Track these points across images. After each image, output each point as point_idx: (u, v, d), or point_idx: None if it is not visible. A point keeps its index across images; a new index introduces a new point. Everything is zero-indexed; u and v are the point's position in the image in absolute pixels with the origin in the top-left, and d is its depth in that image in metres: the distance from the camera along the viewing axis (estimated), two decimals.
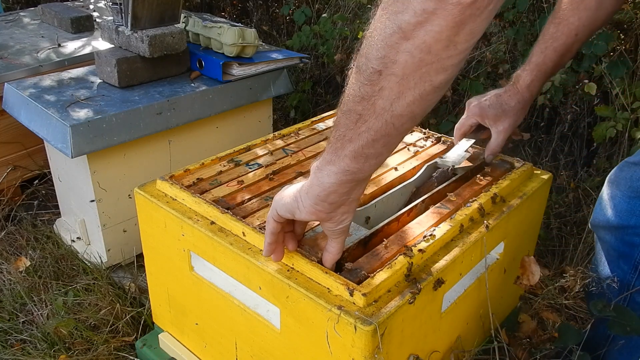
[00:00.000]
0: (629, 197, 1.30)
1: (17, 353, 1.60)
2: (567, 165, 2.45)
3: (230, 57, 1.98)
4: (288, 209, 0.89)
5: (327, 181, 0.81)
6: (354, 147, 0.77)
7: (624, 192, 1.31)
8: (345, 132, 0.77)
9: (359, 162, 0.78)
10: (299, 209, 0.87)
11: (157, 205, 1.22)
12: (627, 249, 1.33)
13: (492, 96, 1.33)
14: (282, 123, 3.07)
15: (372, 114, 0.73)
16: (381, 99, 0.72)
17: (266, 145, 1.47)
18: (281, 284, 1.00)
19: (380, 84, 0.71)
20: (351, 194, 0.84)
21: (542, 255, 2.04)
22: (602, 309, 1.28)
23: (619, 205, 1.33)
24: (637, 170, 1.29)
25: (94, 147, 1.69)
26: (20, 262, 1.96)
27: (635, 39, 2.26)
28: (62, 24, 2.53)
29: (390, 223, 1.10)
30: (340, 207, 0.85)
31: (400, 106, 0.72)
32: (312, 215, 0.86)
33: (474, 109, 1.35)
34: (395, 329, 0.95)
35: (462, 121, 1.39)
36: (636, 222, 1.29)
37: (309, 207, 0.85)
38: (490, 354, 1.32)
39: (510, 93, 1.31)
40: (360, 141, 0.76)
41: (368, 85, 0.72)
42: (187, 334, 1.35)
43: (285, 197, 0.90)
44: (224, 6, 4.07)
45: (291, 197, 0.88)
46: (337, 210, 0.86)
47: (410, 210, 1.15)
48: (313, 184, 0.83)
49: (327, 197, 0.83)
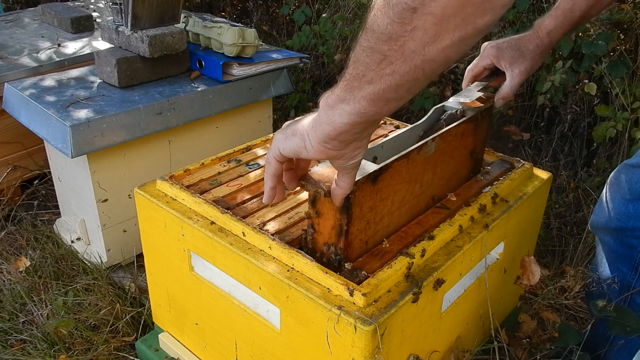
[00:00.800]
0: (627, 200, 1.30)
1: (17, 353, 1.60)
2: (567, 165, 2.45)
3: (230, 57, 1.97)
4: (293, 148, 0.81)
5: (339, 121, 0.74)
6: (373, 90, 0.69)
7: (623, 194, 1.32)
8: (365, 71, 0.69)
9: (377, 105, 0.71)
10: (305, 149, 0.79)
11: (157, 205, 1.22)
12: (626, 251, 1.33)
13: (509, 39, 1.26)
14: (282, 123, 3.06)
15: (399, 57, 0.65)
16: (412, 40, 0.63)
17: (266, 145, 1.47)
18: (281, 284, 1.00)
19: (413, 23, 0.62)
20: (364, 132, 0.77)
21: (542, 255, 2.04)
22: (602, 309, 1.28)
23: (617, 208, 1.33)
24: (636, 172, 1.29)
25: (94, 147, 1.69)
26: (20, 262, 1.96)
27: (635, 39, 2.26)
28: (62, 24, 2.53)
29: (400, 160, 1.03)
30: (351, 143, 0.78)
31: (434, 50, 0.64)
32: (321, 154, 0.79)
33: (490, 50, 1.26)
34: (395, 329, 0.95)
35: (475, 62, 1.30)
36: (634, 224, 1.29)
37: (318, 146, 0.77)
38: (490, 354, 1.32)
39: (529, 37, 1.24)
40: (382, 84, 0.68)
41: (398, 24, 0.63)
42: (187, 334, 1.35)
43: (289, 135, 0.82)
44: (224, 6, 4.07)
45: (296, 135, 0.80)
46: (348, 146, 0.78)
47: (420, 148, 1.08)
48: (323, 121, 0.76)
49: (338, 136, 0.76)
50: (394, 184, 1.04)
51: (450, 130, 1.16)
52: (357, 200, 0.95)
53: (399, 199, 1.07)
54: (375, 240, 1.06)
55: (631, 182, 1.29)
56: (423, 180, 1.13)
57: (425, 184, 1.14)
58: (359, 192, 0.95)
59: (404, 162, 1.04)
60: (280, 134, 0.84)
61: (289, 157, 0.83)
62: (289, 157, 0.83)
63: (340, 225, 0.96)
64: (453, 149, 1.19)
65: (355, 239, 1.00)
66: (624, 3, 2.26)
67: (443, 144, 1.15)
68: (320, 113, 0.76)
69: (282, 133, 0.83)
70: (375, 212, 1.02)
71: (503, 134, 2.68)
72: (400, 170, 1.05)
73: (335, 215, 0.96)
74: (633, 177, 1.29)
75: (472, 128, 1.24)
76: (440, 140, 1.13)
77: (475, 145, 1.28)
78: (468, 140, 1.24)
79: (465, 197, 1.24)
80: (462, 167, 1.26)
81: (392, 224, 1.09)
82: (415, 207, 1.15)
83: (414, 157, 1.07)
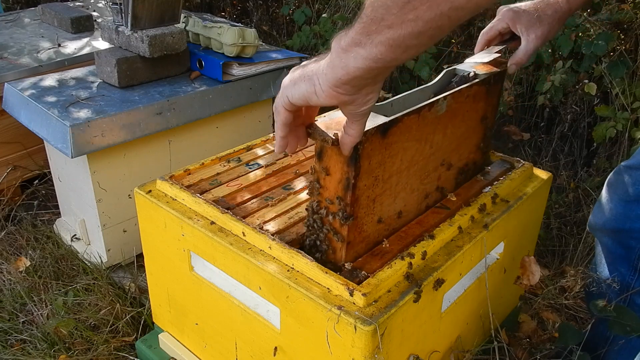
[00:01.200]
0: (624, 201, 1.30)
1: (17, 353, 1.60)
2: (567, 165, 2.45)
3: (230, 57, 1.97)
4: (302, 94, 0.77)
5: (353, 65, 0.70)
6: (393, 35, 0.65)
7: (620, 195, 1.32)
8: (384, 15, 0.65)
9: (396, 52, 0.67)
10: (315, 94, 0.76)
11: (157, 205, 1.22)
12: (624, 252, 1.34)
13: (527, 3, 1.23)
14: None
15: (425, 2, 0.62)
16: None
17: (266, 145, 1.47)
18: (281, 284, 1.00)
19: None
20: (378, 77, 0.74)
21: (542, 255, 2.04)
22: (602, 309, 1.28)
23: (615, 209, 1.33)
24: (632, 174, 1.29)
25: (94, 147, 1.69)
26: (20, 262, 1.96)
27: (635, 39, 2.27)
28: (62, 24, 2.53)
29: (411, 115, 1.00)
30: (364, 88, 0.75)
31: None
32: (332, 100, 0.76)
33: (507, 13, 1.22)
34: (395, 329, 0.95)
35: (490, 25, 1.26)
36: (632, 225, 1.29)
37: (329, 91, 0.74)
38: (490, 354, 1.32)
39: (548, 2, 1.22)
40: (403, 30, 0.65)
41: None
42: (187, 334, 1.35)
43: (297, 80, 0.78)
44: (224, 6, 4.07)
45: (305, 80, 0.77)
46: (360, 91, 0.75)
47: (431, 105, 1.04)
48: (335, 65, 0.72)
49: (351, 81, 0.72)
50: (403, 141, 1.00)
51: (462, 90, 1.13)
52: (365, 153, 0.92)
53: (408, 158, 1.04)
54: (382, 200, 1.02)
55: (628, 183, 1.29)
56: (433, 141, 1.09)
57: (436, 145, 1.11)
58: (367, 143, 0.91)
59: (414, 117, 1.00)
60: (288, 80, 0.80)
61: (297, 104, 0.79)
62: (297, 104, 0.79)
63: (348, 179, 0.92)
64: (464, 111, 1.16)
65: (362, 194, 0.96)
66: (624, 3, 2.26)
67: (455, 104, 1.11)
68: (332, 56, 0.72)
69: (290, 79, 0.79)
70: (384, 168, 0.99)
71: (503, 134, 2.68)
72: (411, 126, 1.01)
73: (343, 168, 0.92)
74: (629, 178, 1.29)
75: (484, 91, 1.20)
76: (452, 100, 1.09)
77: (486, 111, 1.24)
78: (479, 105, 1.21)
79: (465, 197, 1.24)
80: (472, 133, 1.23)
81: (400, 185, 1.06)
82: (424, 169, 1.11)
83: (425, 115, 1.03)
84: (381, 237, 1.08)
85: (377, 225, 1.05)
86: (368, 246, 1.06)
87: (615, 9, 2.23)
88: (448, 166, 1.19)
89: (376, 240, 1.07)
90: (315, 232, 1.02)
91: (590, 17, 2.25)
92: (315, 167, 0.96)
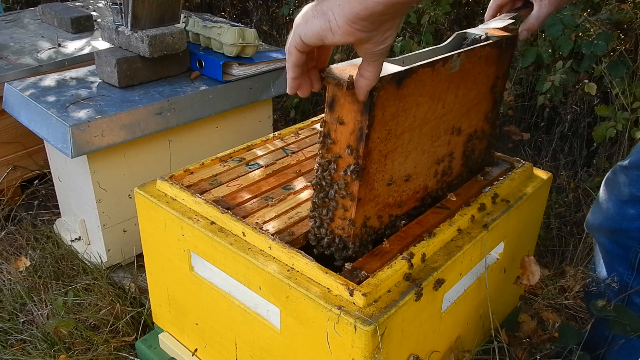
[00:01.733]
0: (620, 201, 1.31)
1: (17, 353, 1.60)
2: (567, 165, 2.45)
3: (230, 57, 1.98)
4: (316, 31, 0.73)
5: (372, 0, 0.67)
6: None
7: (616, 195, 1.32)
8: None
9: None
10: (331, 30, 0.72)
11: (157, 205, 1.22)
12: (622, 251, 1.34)
13: None
14: (282, 123, 3.06)
15: None
16: None
17: (266, 145, 1.47)
18: (281, 284, 1.00)
19: None
20: (398, 12, 0.71)
21: (542, 255, 2.04)
22: (602, 308, 1.28)
23: (611, 209, 1.33)
24: (628, 174, 1.29)
25: (94, 147, 1.69)
26: (20, 262, 1.96)
27: (635, 39, 2.26)
28: (62, 24, 2.54)
29: (425, 67, 0.97)
30: (383, 24, 0.71)
31: None
32: (348, 37, 0.72)
33: None
34: (395, 329, 0.95)
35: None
36: (628, 225, 1.30)
37: (345, 27, 0.70)
38: (490, 354, 1.32)
39: None
40: None
41: None
42: (187, 334, 1.35)
43: (310, 18, 0.74)
44: (224, 6, 4.07)
45: (319, 16, 0.72)
46: (379, 28, 0.71)
47: (446, 60, 1.01)
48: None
49: (370, 16, 0.68)
50: (417, 95, 0.98)
51: (476, 50, 1.11)
52: (380, 102, 0.89)
53: (421, 115, 1.02)
54: (394, 157, 1.01)
55: (624, 183, 1.29)
56: (446, 101, 1.08)
57: (447, 106, 1.09)
58: (382, 91, 0.88)
59: (429, 71, 0.97)
60: (300, 18, 0.75)
61: (311, 43, 0.75)
62: (311, 43, 0.75)
63: (361, 129, 0.89)
64: (476, 73, 1.14)
65: (375, 148, 0.94)
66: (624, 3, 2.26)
67: (468, 64, 1.09)
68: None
69: (302, 17, 0.75)
70: (397, 122, 0.96)
71: (503, 134, 2.68)
72: (425, 80, 0.98)
73: (356, 117, 0.89)
74: (625, 178, 1.29)
75: (495, 55, 1.18)
76: (465, 59, 1.07)
77: (497, 77, 1.22)
78: (491, 69, 1.19)
79: (465, 197, 1.24)
80: (482, 100, 1.22)
81: (412, 143, 1.04)
82: (436, 130, 1.10)
83: (439, 70, 1.00)
84: (390, 200, 1.06)
85: (387, 187, 1.03)
86: (377, 208, 1.04)
87: (615, 9, 2.23)
88: (458, 131, 1.18)
89: (385, 202, 1.05)
90: (324, 190, 0.99)
91: (590, 17, 2.25)
92: (327, 119, 0.93)
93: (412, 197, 1.14)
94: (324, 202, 1.01)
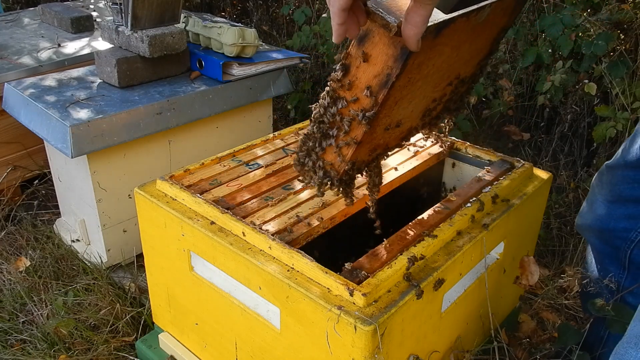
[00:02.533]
0: (608, 202, 1.31)
1: (17, 353, 1.60)
2: (567, 165, 2.45)
3: (230, 57, 1.98)
4: None
5: None
6: None
7: (604, 195, 1.32)
8: None
9: None
10: None
11: (157, 205, 1.22)
12: (612, 251, 1.34)
13: None
14: (282, 123, 3.07)
15: None
16: None
17: (266, 145, 1.47)
18: (281, 284, 1.00)
19: None
20: None
21: (542, 255, 2.04)
22: (601, 308, 1.28)
23: (599, 209, 1.33)
24: (615, 174, 1.29)
25: (94, 147, 1.69)
26: (20, 262, 1.96)
27: (635, 39, 2.26)
28: (62, 24, 2.54)
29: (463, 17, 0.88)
30: None
31: None
32: None
33: None
34: (395, 329, 0.95)
35: None
36: (615, 225, 1.30)
37: None
38: (490, 354, 1.32)
39: None
40: None
41: None
42: (187, 334, 1.35)
43: None
44: (224, 6, 4.07)
45: None
46: None
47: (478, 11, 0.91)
48: None
49: None
50: (444, 44, 0.90)
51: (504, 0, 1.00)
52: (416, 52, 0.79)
53: (438, 63, 0.95)
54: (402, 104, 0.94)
55: (611, 183, 1.29)
56: (460, 50, 1.00)
57: (460, 55, 1.03)
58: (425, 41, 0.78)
59: (464, 21, 0.88)
60: None
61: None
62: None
63: (389, 75, 0.81)
64: (490, 25, 1.06)
65: (392, 95, 0.86)
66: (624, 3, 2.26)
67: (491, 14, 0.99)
68: None
69: None
70: (419, 70, 0.89)
71: (503, 134, 2.68)
72: (457, 30, 0.90)
73: (387, 62, 0.81)
74: (612, 178, 1.29)
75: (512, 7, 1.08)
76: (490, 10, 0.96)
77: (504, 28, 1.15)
78: (503, 20, 1.11)
79: (465, 197, 1.24)
80: (483, 48, 1.15)
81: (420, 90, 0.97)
82: (442, 77, 1.03)
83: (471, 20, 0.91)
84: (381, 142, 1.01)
85: (384, 131, 0.97)
86: (369, 150, 0.99)
87: (615, 9, 2.23)
88: (457, 78, 1.12)
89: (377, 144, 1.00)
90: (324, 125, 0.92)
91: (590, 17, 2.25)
92: (352, 51, 0.84)
93: (397, 137, 1.09)
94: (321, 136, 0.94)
